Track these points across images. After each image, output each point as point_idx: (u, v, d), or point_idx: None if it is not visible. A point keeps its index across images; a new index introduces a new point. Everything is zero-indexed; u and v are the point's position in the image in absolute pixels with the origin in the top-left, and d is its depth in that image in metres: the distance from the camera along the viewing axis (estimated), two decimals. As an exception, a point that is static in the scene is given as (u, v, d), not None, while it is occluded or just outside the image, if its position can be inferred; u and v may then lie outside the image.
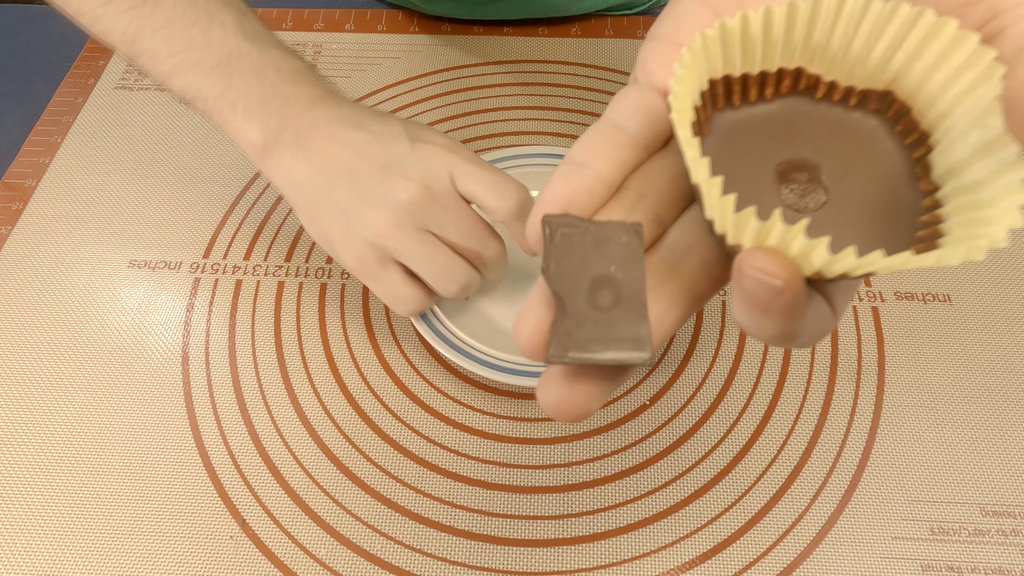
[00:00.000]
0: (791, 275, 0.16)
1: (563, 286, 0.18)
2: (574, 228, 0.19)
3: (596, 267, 0.18)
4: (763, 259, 0.16)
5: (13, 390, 0.40)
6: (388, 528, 0.36)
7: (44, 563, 0.34)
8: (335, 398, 0.40)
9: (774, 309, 0.16)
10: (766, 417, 0.39)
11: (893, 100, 0.20)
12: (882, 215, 0.19)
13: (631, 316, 0.18)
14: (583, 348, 0.17)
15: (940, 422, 0.38)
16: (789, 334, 0.17)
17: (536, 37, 0.56)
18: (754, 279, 0.16)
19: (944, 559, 0.34)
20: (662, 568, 0.34)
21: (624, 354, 0.17)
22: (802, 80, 0.21)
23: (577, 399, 0.18)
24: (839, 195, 0.20)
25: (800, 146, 0.20)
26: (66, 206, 0.47)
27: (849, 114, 0.21)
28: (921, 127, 0.20)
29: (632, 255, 0.18)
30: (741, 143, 0.20)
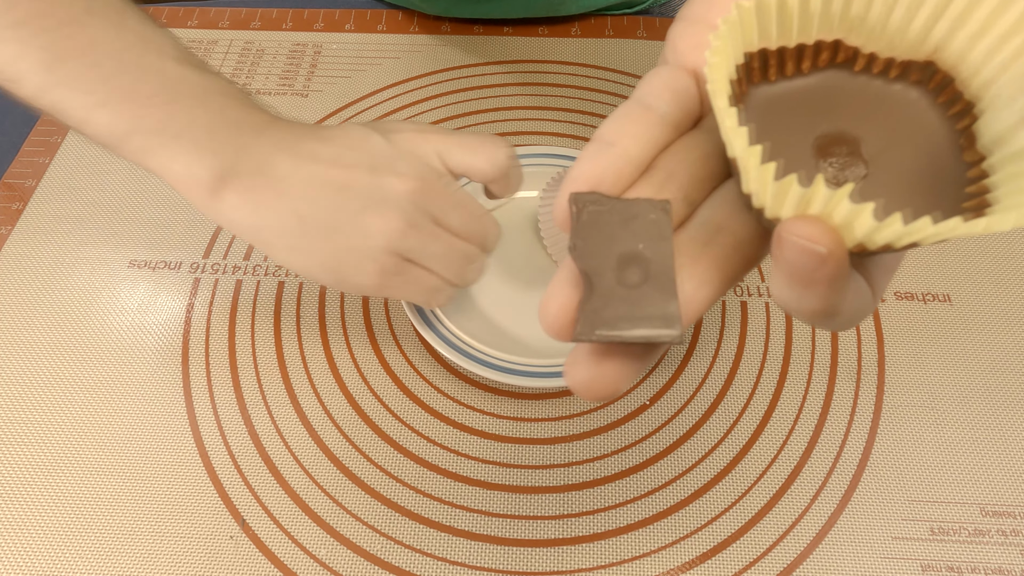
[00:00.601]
0: (835, 242, 0.15)
1: (590, 264, 0.18)
2: (602, 206, 0.18)
3: (624, 244, 0.18)
4: (806, 226, 0.15)
5: (13, 390, 0.40)
6: (388, 528, 0.36)
7: (44, 563, 0.34)
8: (335, 398, 0.40)
9: (817, 280, 0.16)
10: (766, 417, 0.39)
11: (935, 71, 0.20)
12: (925, 187, 0.19)
13: (660, 293, 0.18)
14: (611, 326, 0.17)
15: (940, 422, 0.38)
16: (831, 309, 0.17)
17: (536, 37, 0.56)
18: (796, 247, 0.15)
19: (944, 559, 0.34)
20: (662, 568, 0.34)
21: (653, 331, 0.17)
22: (840, 53, 0.20)
23: (606, 378, 0.18)
24: (880, 168, 0.19)
25: (839, 120, 0.20)
26: (66, 206, 0.47)
27: (889, 86, 0.20)
28: (965, 97, 0.19)
29: (660, 232, 0.18)
30: (778, 118, 0.20)
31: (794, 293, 0.16)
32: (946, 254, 0.45)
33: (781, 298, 0.17)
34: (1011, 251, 0.45)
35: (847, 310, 0.17)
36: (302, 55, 0.56)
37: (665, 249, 0.18)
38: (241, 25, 0.57)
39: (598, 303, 0.17)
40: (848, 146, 0.19)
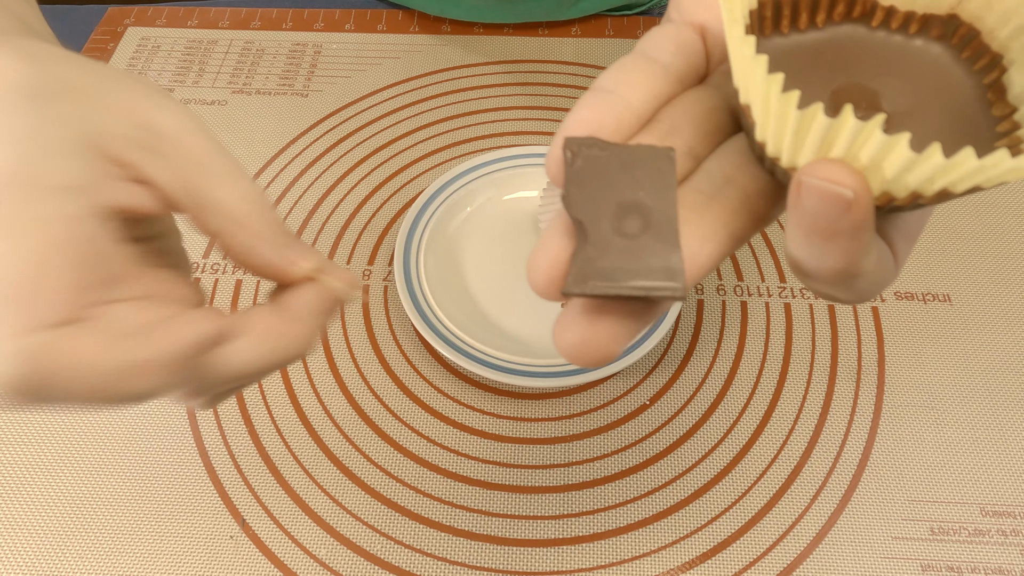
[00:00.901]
0: (862, 185, 0.14)
1: (585, 212, 0.16)
2: (599, 151, 0.17)
3: (623, 192, 0.16)
4: (830, 168, 0.14)
5: (13, 390, 0.39)
6: (388, 528, 0.36)
7: (44, 563, 0.34)
8: (335, 398, 0.40)
9: (840, 231, 0.14)
10: (766, 417, 0.39)
11: (959, 24, 0.19)
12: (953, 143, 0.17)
13: (661, 244, 0.16)
14: (607, 277, 0.15)
15: (940, 422, 0.38)
16: (853, 268, 0.15)
17: (536, 37, 0.56)
18: (818, 191, 0.14)
19: (944, 559, 0.34)
20: (662, 568, 0.34)
21: (654, 283, 0.15)
22: (857, 6, 0.19)
23: (599, 338, 0.16)
24: (902, 125, 0.18)
25: (856, 75, 0.19)
26: (66, 206, 0.47)
27: (910, 42, 0.19)
28: (992, 49, 0.18)
29: (663, 180, 0.17)
30: (791, 72, 0.19)
31: (814, 248, 0.15)
32: (946, 254, 0.45)
33: (799, 256, 0.16)
34: (1011, 251, 0.45)
35: (868, 276, 0.16)
36: (302, 55, 0.56)
37: (668, 198, 0.16)
38: (241, 25, 0.57)
39: (593, 253, 0.16)
40: (867, 100, 0.18)
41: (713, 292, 0.43)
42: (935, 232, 0.46)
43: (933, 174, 0.14)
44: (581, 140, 0.17)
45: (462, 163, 0.46)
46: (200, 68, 0.55)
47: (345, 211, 0.47)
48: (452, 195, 0.45)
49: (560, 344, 0.16)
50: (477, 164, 0.46)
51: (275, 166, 0.49)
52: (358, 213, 0.47)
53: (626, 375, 0.40)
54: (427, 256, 0.42)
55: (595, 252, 0.16)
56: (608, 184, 0.16)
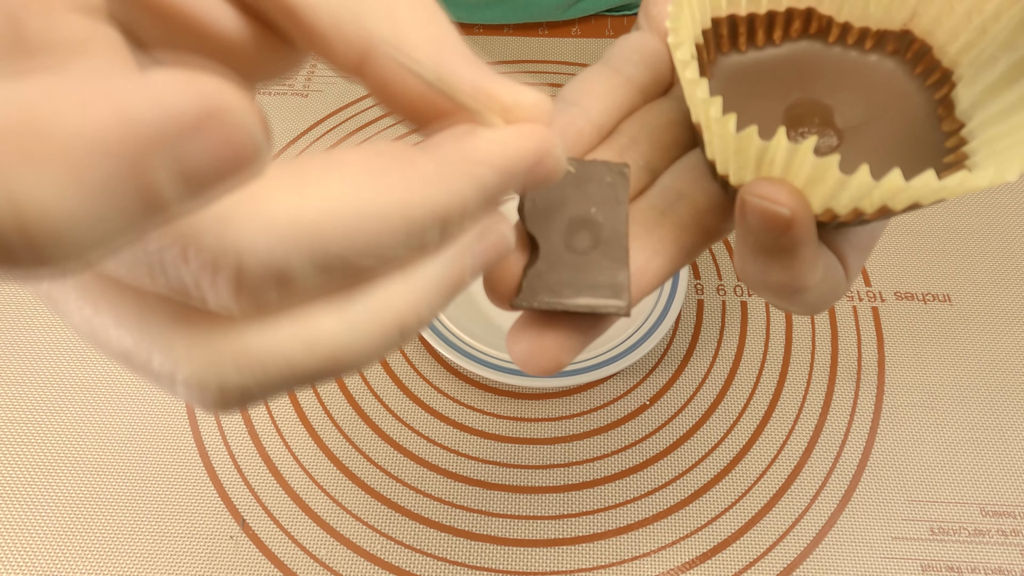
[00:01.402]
0: (799, 204, 0.14)
1: (538, 226, 0.17)
2: None
3: (575, 207, 0.17)
4: (768, 186, 0.15)
5: (13, 390, 0.40)
6: (388, 528, 0.36)
7: (44, 563, 0.34)
8: (335, 398, 0.40)
9: (781, 247, 0.15)
10: (766, 417, 0.39)
11: (912, 40, 0.19)
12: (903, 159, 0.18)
13: (609, 261, 0.16)
14: (554, 293, 0.16)
15: (940, 422, 0.38)
16: (797, 282, 0.16)
17: (536, 37, 0.56)
18: (759, 210, 0.14)
19: (944, 559, 0.34)
20: (662, 568, 0.34)
21: (599, 301, 0.16)
22: (813, 22, 0.20)
23: (547, 350, 0.16)
24: (855, 140, 0.18)
25: (812, 91, 0.19)
26: (66, 206, 0.47)
27: (865, 58, 0.20)
28: (943, 65, 0.18)
29: (616, 196, 0.17)
30: (747, 88, 0.19)
31: (758, 264, 0.15)
32: (946, 254, 0.45)
33: (745, 271, 0.16)
34: (1011, 251, 0.45)
35: (816, 288, 0.16)
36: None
37: (619, 215, 0.17)
38: (241, 25, 0.57)
39: (543, 268, 0.16)
40: (820, 116, 0.19)
41: (713, 292, 0.43)
42: (935, 232, 0.46)
43: (866, 194, 0.14)
44: None
45: (462, 163, 0.45)
46: (200, 68, 0.55)
47: (345, 211, 0.47)
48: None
49: (511, 352, 0.17)
50: (477, 164, 0.45)
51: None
52: (358, 213, 0.47)
53: (626, 375, 0.40)
54: (427, 256, 0.42)
55: (545, 267, 0.16)
56: (562, 199, 0.17)
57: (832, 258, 0.17)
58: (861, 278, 0.44)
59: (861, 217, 0.16)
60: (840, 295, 0.18)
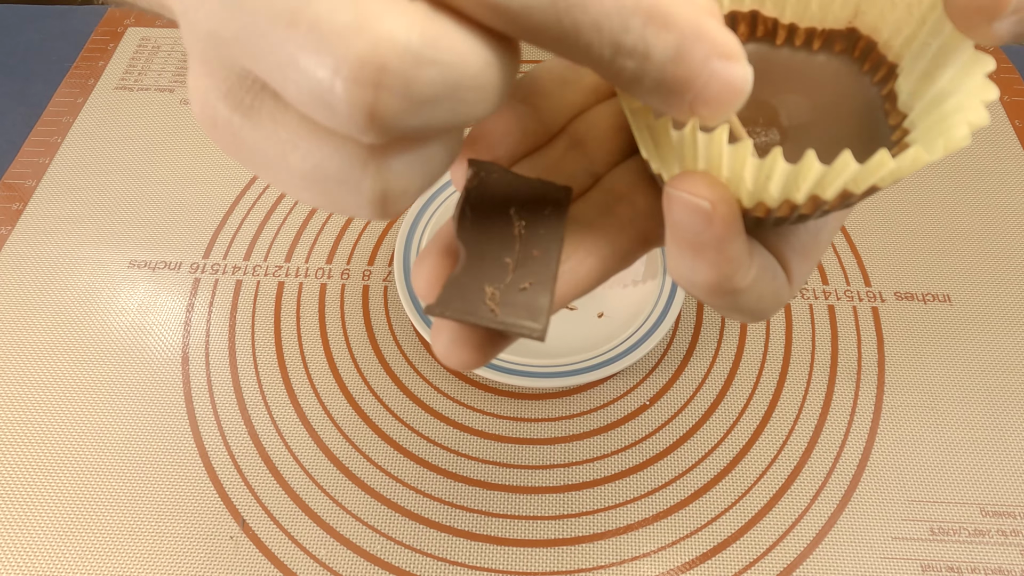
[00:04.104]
0: (720, 196, 0.14)
1: (469, 237, 0.16)
2: (497, 177, 0.17)
3: (511, 223, 0.17)
4: (691, 181, 0.14)
5: (13, 390, 0.40)
6: (388, 528, 0.36)
7: (44, 563, 0.34)
8: (335, 398, 0.40)
9: (705, 243, 0.14)
10: (766, 417, 0.39)
11: (858, 37, 0.19)
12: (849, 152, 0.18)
13: (534, 282, 0.16)
14: (470, 307, 0.16)
15: (940, 422, 0.38)
16: (726, 282, 0.15)
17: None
18: (681, 203, 0.14)
19: (944, 559, 0.34)
20: (662, 568, 0.34)
21: (513, 321, 0.15)
22: (759, 26, 0.20)
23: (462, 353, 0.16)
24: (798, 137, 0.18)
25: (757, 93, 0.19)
26: (66, 206, 0.47)
27: (813, 58, 0.19)
28: (889, 60, 0.18)
29: (555, 219, 0.17)
30: None
31: (684, 261, 0.15)
32: (946, 254, 0.45)
33: (674, 269, 0.16)
34: (1011, 251, 0.45)
35: (750, 289, 0.16)
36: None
37: (554, 237, 0.17)
38: (241, 25, 0.57)
39: (465, 279, 0.16)
40: (765, 116, 0.18)
41: (713, 292, 0.43)
42: (935, 232, 0.46)
43: (786, 180, 0.14)
44: (484, 164, 0.17)
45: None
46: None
47: (345, 211, 0.47)
48: (452, 195, 0.45)
49: (432, 344, 0.16)
50: (477, 164, 0.45)
51: (275, 166, 0.49)
52: (358, 213, 0.47)
53: (626, 375, 0.40)
54: (427, 256, 0.42)
55: (467, 277, 0.16)
56: (500, 213, 0.17)
57: (770, 260, 0.17)
58: (861, 278, 0.44)
59: (796, 211, 0.15)
60: (784, 301, 0.17)
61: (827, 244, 0.19)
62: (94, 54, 0.56)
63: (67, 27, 0.58)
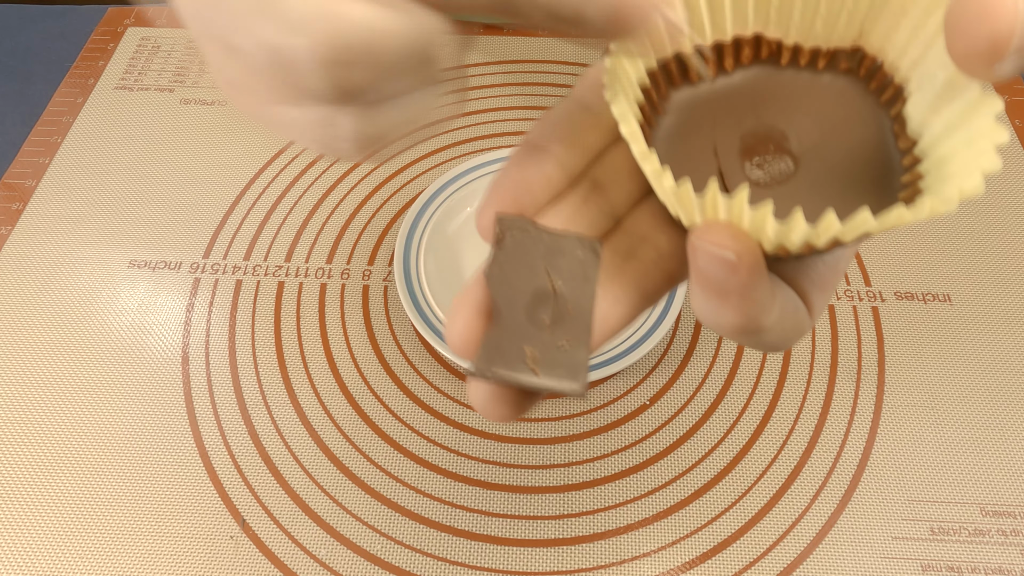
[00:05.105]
0: (744, 247, 0.14)
1: (503, 294, 0.17)
2: (527, 234, 0.17)
3: (543, 279, 0.17)
4: (713, 231, 0.15)
5: (13, 390, 0.39)
6: (388, 528, 0.36)
7: (44, 563, 0.34)
8: (335, 398, 0.40)
9: (730, 290, 0.15)
10: (766, 417, 0.39)
11: (863, 56, 0.19)
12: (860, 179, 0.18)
13: (571, 339, 0.16)
14: (510, 366, 0.16)
15: (940, 422, 0.38)
16: (751, 323, 0.16)
17: (536, 37, 0.56)
18: (706, 254, 0.15)
19: (944, 559, 0.34)
20: (662, 568, 0.34)
21: (553, 382, 0.16)
22: (763, 47, 0.19)
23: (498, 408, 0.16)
24: (811, 163, 0.18)
25: (766, 116, 0.19)
26: (66, 206, 0.47)
27: (818, 78, 0.19)
28: (896, 81, 0.18)
29: (585, 273, 0.17)
30: (701, 120, 0.19)
31: (710, 305, 0.15)
32: (946, 254, 0.45)
33: (700, 313, 0.16)
34: (1011, 251, 0.45)
35: (774, 327, 0.16)
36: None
37: (587, 292, 0.17)
38: (241, 25, 0.57)
39: (502, 338, 0.16)
40: (774, 142, 0.18)
41: (713, 292, 0.43)
42: (935, 232, 0.46)
43: (807, 236, 0.14)
44: (511, 220, 0.17)
45: (462, 163, 0.46)
46: (200, 68, 0.55)
47: (345, 211, 0.47)
48: (452, 195, 0.45)
49: (470, 399, 0.17)
50: (477, 164, 0.46)
51: (275, 166, 0.49)
52: (358, 213, 0.47)
53: (626, 375, 0.40)
54: (427, 256, 0.42)
55: (505, 337, 0.16)
56: (530, 269, 0.17)
57: (791, 296, 0.17)
58: (861, 278, 0.44)
59: (815, 251, 0.16)
60: (804, 333, 0.18)
61: (844, 272, 0.20)
62: (94, 54, 0.56)
63: (67, 27, 0.58)
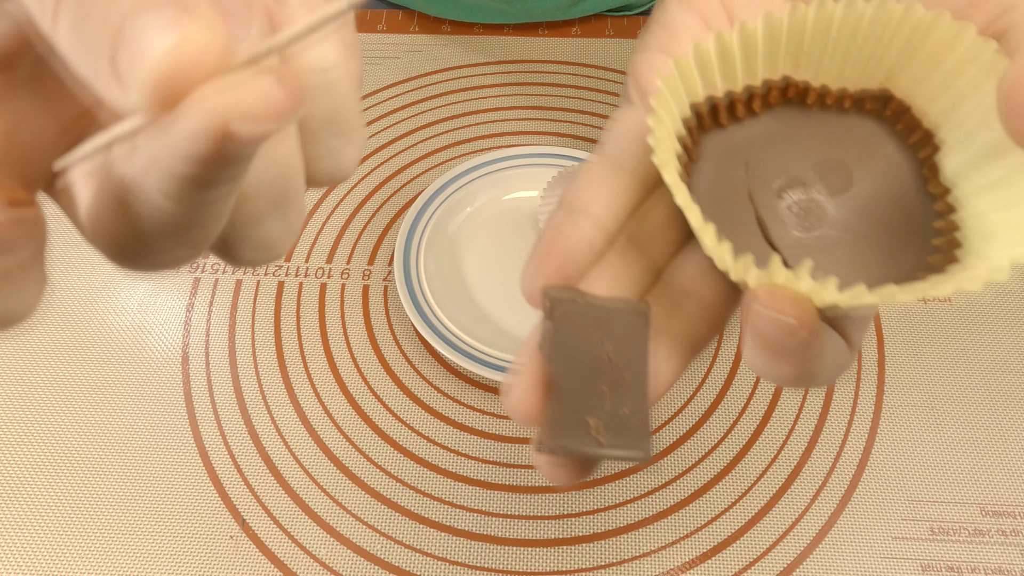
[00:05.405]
0: (805, 313, 0.15)
1: (559, 367, 0.17)
2: (576, 305, 0.17)
3: (598, 349, 0.17)
4: (773, 298, 0.15)
5: (13, 390, 0.40)
6: (388, 528, 0.36)
7: (44, 563, 0.34)
8: (335, 398, 0.40)
9: (789, 350, 0.15)
10: (766, 417, 0.39)
11: (890, 98, 0.19)
12: (893, 224, 0.18)
13: (631, 406, 0.17)
14: (577, 440, 0.16)
15: (940, 422, 0.38)
16: (807, 375, 0.16)
17: (536, 37, 0.56)
18: (765, 318, 0.15)
19: (944, 559, 0.34)
20: (662, 568, 0.34)
21: (619, 452, 0.16)
22: (791, 89, 0.20)
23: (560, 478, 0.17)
24: (845, 207, 0.19)
25: (797, 158, 0.19)
26: (66, 206, 0.47)
27: (845, 118, 0.20)
28: (924, 125, 0.19)
29: (638, 339, 0.17)
30: (733, 164, 0.20)
31: (767, 362, 0.16)
32: (946, 254, 0.45)
33: (754, 366, 0.16)
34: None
35: (823, 371, 0.17)
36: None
37: (640, 356, 0.17)
38: (241, 25, 0.57)
39: (565, 411, 0.17)
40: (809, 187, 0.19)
41: (713, 292, 0.43)
42: (935, 232, 0.46)
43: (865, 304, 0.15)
44: (559, 292, 0.18)
45: (462, 163, 0.46)
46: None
47: (345, 211, 0.47)
48: (452, 195, 0.45)
49: (534, 463, 0.17)
50: (477, 164, 0.46)
51: (275, 166, 0.49)
52: (358, 213, 0.47)
53: (626, 375, 0.40)
54: (427, 256, 0.42)
55: (567, 410, 0.17)
56: (584, 340, 0.17)
57: (836, 338, 0.17)
58: (861, 278, 0.44)
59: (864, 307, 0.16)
60: (846, 367, 0.18)
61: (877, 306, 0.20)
62: (94, 54, 0.56)
63: (67, 27, 0.58)
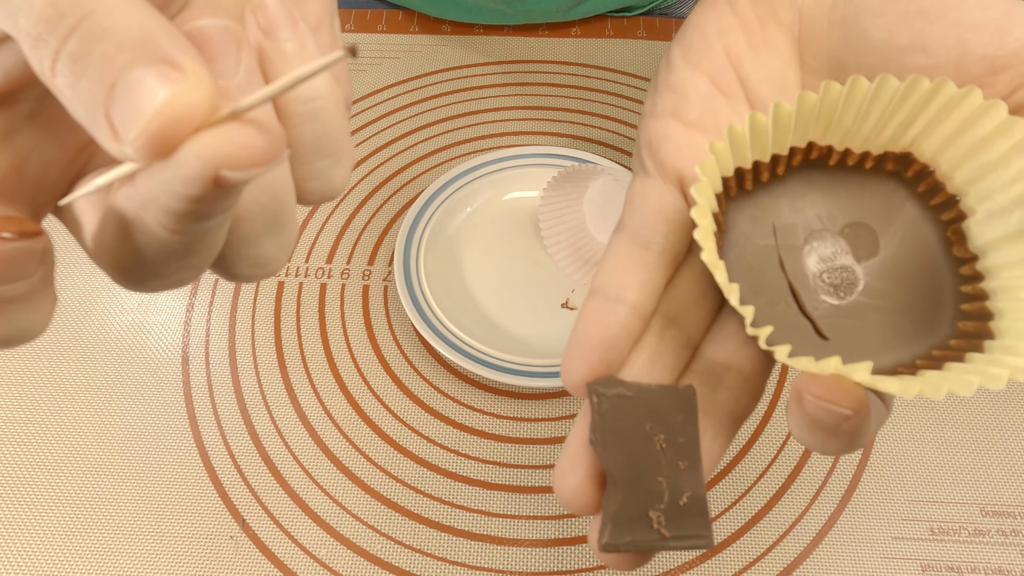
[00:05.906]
0: (858, 401, 0.15)
1: (613, 461, 0.17)
2: (622, 396, 0.17)
3: (648, 440, 0.17)
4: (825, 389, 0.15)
5: (13, 390, 0.40)
6: (388, 528, 0.36)
7: (44, 563, 0.34)
8: (335, 398, 0.40)
9: (842, 431, 0.15)
10: (766, 417, 0.39)
11: (912, 161, 0.19)
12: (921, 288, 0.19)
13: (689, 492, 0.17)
14: (642, 535, 0.16)
15: (940, 422, 0.38)
16: (854, 448, 0.16)
17: (536, 37, 0.56)
18: (820, 409, 0.15)
19: (944, 559, 0.34)
20: (662, 568, 0.34)
21: (684, 542, 0.17)
22: (814, 151, 0.20)
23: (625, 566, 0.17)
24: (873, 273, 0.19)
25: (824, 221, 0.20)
26: (66, 206, 0.47)
27: (866, 179, 0.20)
28: (947, 190, 0.19)
29: (687, 425, 0.17)
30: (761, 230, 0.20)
31: (817, 439, 0.16)
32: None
33: (804, 441, 0.17)
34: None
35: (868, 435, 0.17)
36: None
37: (692, 443, 0.17)
38: (241, 25, 0.57)
39: (629, 509, 0.17)
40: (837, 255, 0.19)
41: (713, 292, 0.43)
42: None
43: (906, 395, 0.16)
44: (605, 383, 0.18)
45: (462, 163, 0.46)
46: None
47: (345, 211, 0.47)
48: (452, 195, 0.45)
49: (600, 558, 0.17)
50: (477, 164, 0.46)
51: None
52: (358, 213, 0.47)
53: (626, 375, 0.40)
54: (427, 256, 0.42)
55: (630, 507, 0.17)
56: (635, 430, 0.17)
57: (878, 402, 0.18)
58: (861, 278, 0.44)
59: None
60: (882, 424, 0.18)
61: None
62: (94, 54, 0.56)
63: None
